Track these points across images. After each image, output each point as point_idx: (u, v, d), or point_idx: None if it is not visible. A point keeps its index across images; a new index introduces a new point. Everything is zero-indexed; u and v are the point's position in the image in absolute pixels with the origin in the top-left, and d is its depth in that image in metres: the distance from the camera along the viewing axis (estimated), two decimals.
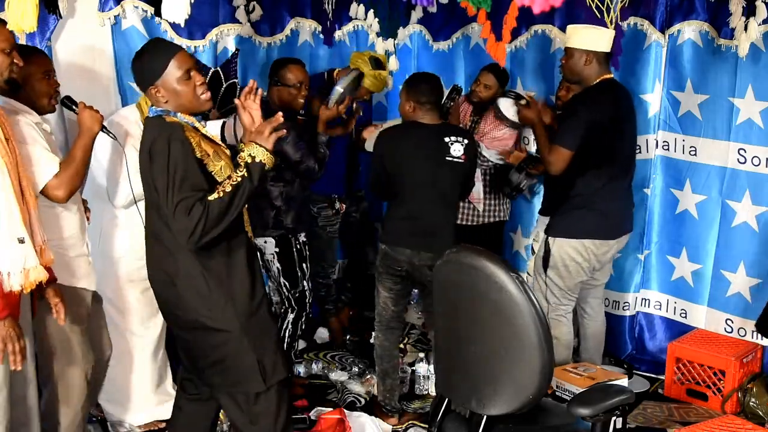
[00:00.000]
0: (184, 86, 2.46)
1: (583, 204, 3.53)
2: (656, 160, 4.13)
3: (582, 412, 2.25)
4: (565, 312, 3.69)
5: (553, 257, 3.60)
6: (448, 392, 2.52)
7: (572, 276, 3.61)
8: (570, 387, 3.53)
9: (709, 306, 4.06)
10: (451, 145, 3.35)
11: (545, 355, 2.16)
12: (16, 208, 2.30)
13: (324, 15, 4.37)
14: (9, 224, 2.28)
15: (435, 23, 4.89)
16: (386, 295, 3.54)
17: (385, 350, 3.57)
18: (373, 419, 3.51)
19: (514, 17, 3.18)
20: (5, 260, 2.28)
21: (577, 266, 3.58)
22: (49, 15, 3.35)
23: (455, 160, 3.36)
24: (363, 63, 4.10)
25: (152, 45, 2.56)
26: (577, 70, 3.47)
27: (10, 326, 2.31)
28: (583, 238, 3.54)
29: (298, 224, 3.67)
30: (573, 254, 3.57)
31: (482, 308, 2.25)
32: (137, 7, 3.66)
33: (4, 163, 2.28)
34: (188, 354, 2.66)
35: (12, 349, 2.31)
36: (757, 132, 3.73)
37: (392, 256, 3.44)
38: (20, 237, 2.30)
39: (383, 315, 3.57)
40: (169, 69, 2.44)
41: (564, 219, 3.60)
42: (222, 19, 3.97)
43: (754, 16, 3.51)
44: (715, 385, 3.76)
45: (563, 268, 3.60)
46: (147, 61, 2.47)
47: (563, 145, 3.43)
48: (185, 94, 2.47)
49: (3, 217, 2.27)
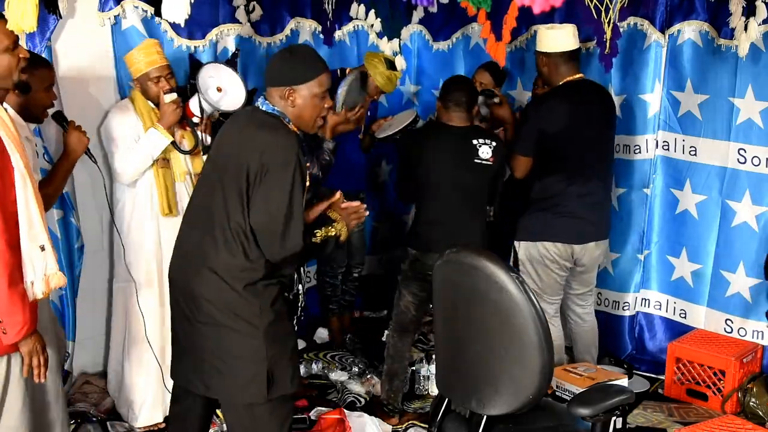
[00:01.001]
0: (317, 104, 2.49)
1: (541, 207, 3.56)
2: (656, 160, 4.13)
3: (582, 412, 2.25)
4: (548, 316, 3.63)
5: (521, 261, 3.62)
6: (448, 392, 2.52)
7: (542, 278, 3.60)
8: (570, 387, 3.53)
9: (708, 306, 4.05)
10: (479, 147, 3.35)
11: (545, 355, 2.17)
12: (38, 215, 2.26)
13: (324, 15, 4.37)
14: (31, 232, 2.24)
15: (435, 23, 4.89)
16: (410, 299, 3.51)
17: (398, 351, 3.55)
18: (373, 419, 3.51)
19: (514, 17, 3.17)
20: (29, 269, 2.24)
21: (545, 268, 3.58)
22: (49, 15, 3.35)
23: (483, 163, 3.35)
24: (379, 62, 4.09)
25: (310, 50, 2.60)
26: (545, 73, 3.54)
27: (36, 340, 2.27)
28: (545, 240, 3.55)
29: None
30: (537, 256, 3.57)
31: (482, 308, 2.25)
32: (137, 7, 3.65)
33: (27, 173, 2.23)
34: (196, 350, 2.54)
35: (36, 363, 2.28)
36: (757, 132, 3.73)
37: (423, 262, 3.40)
38: (42, 244, 2.26)
39: (402, 318, 3.54)
40: (315, 81, 2.46)
41: (525, 222, 3.62)
42: (222, 19, 3.97)
43: (754, 16, 3.51)
44: (715, 385, 3.76)
45: (532, 271, 3.60)
46: (301, 62, 2.47)
47: (518, 152, 3.52)
48: (313, 112, 2.50)
49: (25, 224, 2.23)
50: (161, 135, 3.28)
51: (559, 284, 3.66)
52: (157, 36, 3.82)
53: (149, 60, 3.32)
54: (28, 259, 2.24)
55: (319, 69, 2.49)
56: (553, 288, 3.64)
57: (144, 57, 3.32)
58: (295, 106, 2.46)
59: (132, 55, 3.37)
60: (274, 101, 2.48)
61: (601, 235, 3.66)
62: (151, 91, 3.35)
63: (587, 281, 3.80)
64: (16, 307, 2.19)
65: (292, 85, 2.45)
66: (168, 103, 3.28)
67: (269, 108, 2.48)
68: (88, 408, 3.54)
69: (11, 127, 2.25)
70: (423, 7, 4.33)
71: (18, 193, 2.22)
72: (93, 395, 3.68)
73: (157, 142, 3.29)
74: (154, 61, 3.33)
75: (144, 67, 3.32)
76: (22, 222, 2.23)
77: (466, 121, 3.41)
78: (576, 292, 3.81)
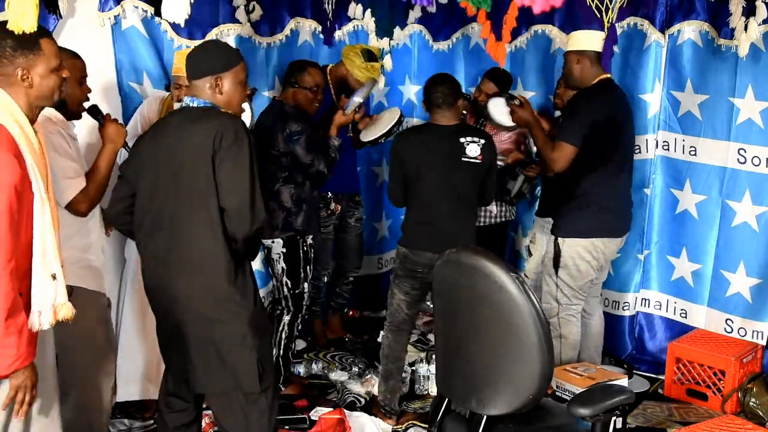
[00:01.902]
0: (241, 90, 2.62)
1: (589, 203, 3.55)
2: (656, 160, 4.13)
3: (582, 412, 2.25)
4: (575, 312, 3.70)
5: (563, 258, 3.61)
6: (448, 392, 2.51)
7: (583, 275, 3.62)
8: (570, 387, 3.53)
9: (709, 306, 4.05)
10: (467, 146, 3.34)
11: (545, 355, 2.16)
12: (52, 242, 2.19)
13: (324, 15, 4.37)
14: (44, 260, 2.18)
15: (435, 23, 4.89)
16: (401, 297, 3.51)
17: (392, 351, 3.56)
18: (373, 419, 3.51)
19: (514, 17, 3.18)
20: (39, 297, 2.17)
21: (587, 265, 3.60)
22: (49, 15, 3.34)
23: (471, 161, 3.34)
24: (355, 56, 4.10)
25: (224, 43, 2.82)
26: (573, 72, 3.52)
27: (29, 375, 2.17)
28: (593, 236, 3.56)
29: (308, 226, 3.67)
30: (583, 253, 3.58)
31: (482, 308, 2.25)
32: (137, 7, 3.65)
33: (47, 199, 2.18)
34: (187, 352, 2.58)
35: (21, 399, 2.18)
36: (757, 132, 3.73)
37: (412, 259, 3.41)
38: (53, 273, 2.19)
39: (395, 317, 3.55)
40: (237, 68, 2.59)
41: (571, 218, 3.61)
42: (222, 19, 3.96)
43: (754, 16, 3.51)
44: (715, 385, 3.76)
45: (574, 268, 3.61)
46: (223, 52, 2.63)
47: (568, 141, 3.45)
48: (239, 97, 2.62)
49: (39, 252, 2.16)
50: None
51: (591, 281, 3.71)
52: (157, 36, 3.82)
53: (176, 66, 3.36)
54: (39, 289, 2.18)
55: (239, 57, 2.64)
56: (587, 285, 3.70)
57: (176, 62, 3.39)
58: (223, 93, 2.57)
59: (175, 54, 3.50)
60: (201, 94, 2.57)
61: (630, 225, 3.77)
62: (173, 95, 3.43)
63: (604, 275, 3.89)
64: (11, 339, 2.10)
65: (220, 72, 2.55)
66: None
67: (200, 102, 2.56)
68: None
69: (36, 149, 2.19)
70: (422, 7, 4.35)
71: (36, 221, 2.16)
72: None
73: None
74: (179, 69, 3.29)
75: (173, 71, 3.42)
76: (36, 250, 2.16)
77: (452, 119, 3.40)
78: (597, 282, 3.86)
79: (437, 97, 3.36)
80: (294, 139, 3.52)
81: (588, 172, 3.52)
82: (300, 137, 3.51)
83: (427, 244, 3.36)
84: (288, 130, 3.52)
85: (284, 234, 3.61)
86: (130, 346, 3.44)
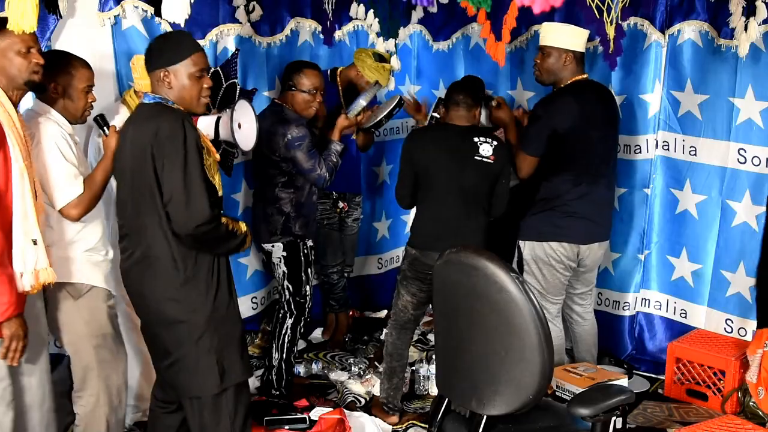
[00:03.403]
0: (194, 84, 2.55)
1: (548, 207, 3.55)
2: (656, 160, 4.13)
3: (582, 412, 2.26)
4: (551, 316, 3.65)
5: (525, 261, 3.61)
6: (448, 392, 2.52)
7: (547, 279, 3.60)
8: (570, 387, 3.53)
9: (709, 306, 4.06)
10: (480, 145, 3.34)
11: (545, 355, 2.17)
12: (32, 210, 2.35)
13: (324, 15, 4.36)
14: (24, 225, 2.33)
15: (435, 23, 4.89)
16: (408, 299, 3.51)
17: (396, 349, 3.56)
18: (373, 419, 3.52)
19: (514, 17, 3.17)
20: (19, 260, 2.33)
21: (551, 269, 3.58)
22: (49, 15, 3.34)
23: (484, 160, 3.33)
24: (367, 56, 4.12)
25: (180, 33, 2.66)
26: (555, 70, 3.50)
27: (18, 324, 2.34)
28: (551, 240, 3.55)
29: (307, 230, 3.67)
30: (543, 256, 3.56)
31: (482, 308, 2.25)
32: (137, 7, 3.65)
33: (25, 168, 2.34)
34: (155, 351, 2.66)
35: (15, 347, 2.35)
36: (757, 132, 3.73)
37: (422, 261, 3.39)
38: (34, 238, 2.35)
39: (400, 316, 3.54)
40: (187, 61, 2.52)
41: (531, 222, 3.61)
42: (222, 19, 3.96)
43: (754, 16, 3.51)
44: (715, 385, 3.76)
45: (537, 271, 3.60)
46: (171, 45, 2.55)
47: (527, 151, 3.49)
48: (190, 91, 2.55)
49: (19, 217, 2.32)
50: None
51: (563, 284, 3.66)
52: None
53: None
54: (20, 251, 2.33)
55: (191, 48, 2.55)
56: (557, 288, 3.64)
57: None
58: (172, 87, 2.53)
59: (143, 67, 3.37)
60: (154, 88, 2.56)
61: (604, 235, 3.68)
62: None
63: (588, 280, 3.81)
64: (3, 287, 2.26)
65: (167, 66, 2.51)
66: None
67: (150, 98, 2.55)
68: None
69: (17, 124, 2.34)
70: (423, 7, 4.36)
71: (15, 186, 2.31)
72: None
73: None
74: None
75: None
76: (17, 213, 2.32)
77: (467, 121, 3.41)
78: (577, 292, 3.81)
79: (458, 98, 3.39)
80: (296, 145, 3.50)
81: (551, 177, 3.52)
82: (301, 143, 3.50)
83: (437, 244, 3.32)
84: (289, 136, 3.50)
85: (284, 239, 3.61)
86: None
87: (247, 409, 2.69)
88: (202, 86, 2.57)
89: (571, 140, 3.45)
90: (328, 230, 4.30)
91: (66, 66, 2.83)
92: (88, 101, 2.90)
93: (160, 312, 2.54)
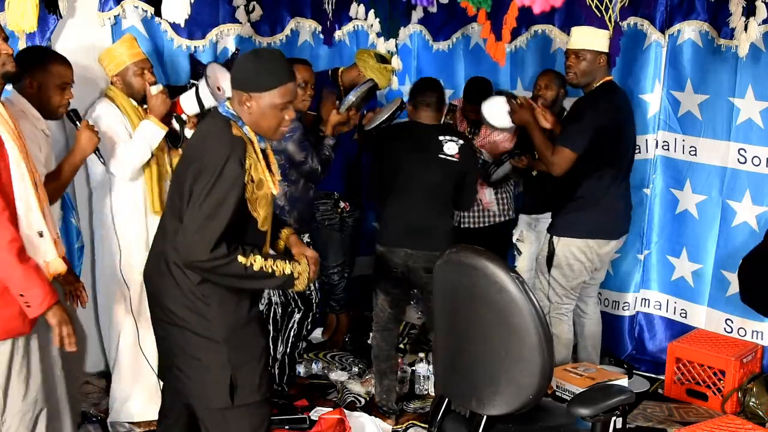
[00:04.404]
0: (275, 115, 2.36)
1: (588, 205, 3.57)
2: (656, 160, 4.13)
3: (582, 412, 2.25)
4: (566, 311, 3.72)
5: (557, 257, 3.62)
6: (448, 392, 2.52)
7: (576, 275, 3.64)
8: (570, 387, 3.53)
9: (709, 306, 4.05)
10: (444, 144, 3.37)
11: (545, 355, 2.16)
12: (35, 201, 2.30)
13: (324, 15, 4.37)
14: (29, 215, 2.28)
15: (435, 23, 4.89)
16: (383, 297, 3.53)
17: (381, 351, 3.57)
18: (374, 419, 3.51)
19: (514, 17, 3.17)
20: (30, 253, 2.28)
21: (581, 265, 3.61)
22: (49, 15, 3.35)
23: (448, 158, 3.36)
24: (369, 57, 4.12)
25: (277, 57, 2.39)
26: (591, 71, 3.51)
27: (62, 310, 2.33)
28: (588, 237, 3.58)
29: (302, 225, 3.66)
30: (577, 254, 3.59)
31: (482, 308, 2.25)
32: (137, 7, 3.66)
33: (21, 156, 2.28)
34: (168, 352, 2.55)
35: (67, 332, 2.33)
36: (757, 132, 3.73)
37: (388, 257, 3.44)
38: (40, 230, 2.30)
39: (380, 317, 3.57)
40: (275, 92, 2.32)
41: (569, 219, 3.62)
42: (222, 19, 3.97)
43: (754, 16, 3.51)
44: (715, 385, 3.76)
45: (567, 268, 3.62)
46: (264, 70, 2.33)
47: (570, 147, 3.46)
48: (270, 121, 2.37)
49: (22, 208, 2.27)
50: (156, 126, 3.23)
51: (584, 282, 3.72)
52: (157, 36, 3.82)
53: (132, 53, 3.29)
54: (28, 243, 2.28)
55: (281, 79, 2.33)
56: (579, 286, 3.71)
57: (126, 50, 3.29)
58: (252, 113, 2.35)
59: (111, 51, 3.31)
60: (233, 104, 2.40)
61: (628, 227, 3.78)
62: (136, 84, 3.28)
63: (601, 275, 3.89)
64: (33, 280, 2.23)
65: (252, 91, 2.33)
66: (156, 94, 3.23)
67: (225, 111, 2.40)
68: (88, 408, 3.54)
69: (7, 118, 2.30)
70: (423, 7, 4.36)
71: (15, 179, 2.26)
72: (93, 395, 3.69)
73: (154, 133, 3.23)
74: (137, 54, 3.30)
75: (128, 59, 3.27)
76: (20, 206, 2.27)
77: (434, 120, 3.45)
78: (594, 283, 3.87)
79: (419, 96, 3.42)
80: (287, 137, 3.50)
81: (589, 175, 3.53)
82: (292, 135, 3.50)
83: (399, 240, 3.38)
84: None
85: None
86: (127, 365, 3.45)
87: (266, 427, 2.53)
88: (284, 118, 2.38)
89: (614, 139, 3.50)
90: (329, 231, 4.30)
91: (42, 62, 2.81)
92: (64, 98, 2.87)
93: (174, 315, 2.44)
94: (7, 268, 2.21)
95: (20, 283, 2.23)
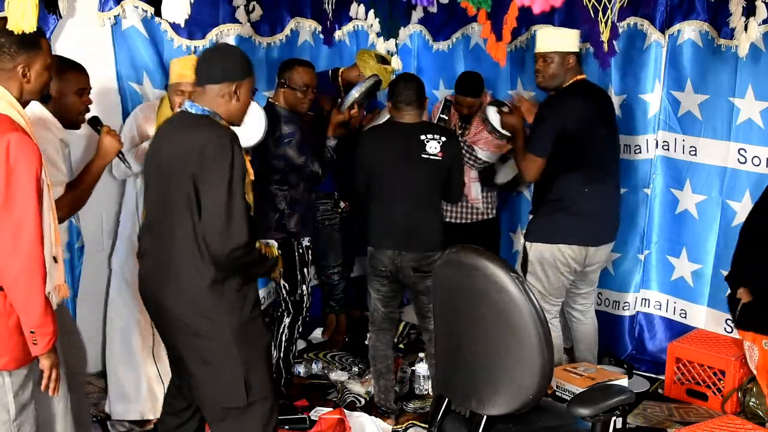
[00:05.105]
0: (248, 100, 2.55)
1: (558, 208, 3.52)
2: (656, 160, 4.13)
3: (582, 412, 2.25)
4: (549, 317, 3.63)
5: (530, 262, 3.59)
6: (448, 392, 2.52)
7: (551, 281, 3.58)
8: (570, 387, 3.53)
9: (709, 306, 4.05)
10: (427, 143, 3.37)
11: (545, 355, 2.16)
12: (53, 225, 2.25)
13: (324, 15, 4.37)
14: (49, 242, 2.23)
15: (435, 23, 4.89)
16: (375, 296, 3.55)
17: (377, 351, 3.58)
18: (374, 419, 3.51)
19: (514, 17, 3.17)
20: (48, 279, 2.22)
21: (556, 271, 3.56)
22: (49, 15, 3.35)
23: (431, 158, 3.36)
24: (369, 57, 4.12)
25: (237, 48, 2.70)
26: (560, 74, 3.48)
27: (55, 353, 2.27)
28: (559, 242, 3.52)
29: (302, 228, 3.66)
30: (549, 259, 3.54)
31: (482, 308, 2.25)
32: (137, 7, 3.66)
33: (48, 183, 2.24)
34: (177, 361, 2.60)
35: (55, 377, 2.28)
36: (757, 132, 3.73)
37: (377, 258, 3.45)
38: (55, 255, 2.26)
39: (375, 316, 3.59)
40: (253, 76, 2.57)
41: (540, 223, 3.59)
42: (222, 19, 3.97)
43: (754, 16, 3.50)
44: (715, 385, 3.76)
45: (541, 273, 3.58)
46: (241, 58, 2.54)
47: (533, 152, 3.46)
48: (246, 106, 2.55)
49: (47, 236, 2.21)
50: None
51: (565, 287, 3.66)
52: (157, 36, 3.82)
53: (180, 72, 3.28)
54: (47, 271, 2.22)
55: (252, 65, 2.59)
56: (559, 290, 3.64)
57: (178, 68, 3.28)
58: (240, 100, 2.50)
59: (173, 62, 3.37)
60: (205, 100, 2.48)
61: (612, 235, 3.69)
62: (173, 102, 3.29)
63: (592, 280, 3.82)
64: (48, 318, 2.19)
65: (241, 79, 2.49)
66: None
67: (198, 110, 2.46)
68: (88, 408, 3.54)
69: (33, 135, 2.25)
70: (423, 7, 4.36)
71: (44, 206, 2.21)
72: (93, 395, 3.69)
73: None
74: (184, 75, 3.26)
75: (174, 78, 3.28)
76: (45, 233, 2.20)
77: (416, 118, 3.44)
78: (580, 292, 3.82)
79: (399, 95, 3.41)
80: (285, 141, 3.50)
81: (560, 177, 3.49)
82: (291, 139, 3.50)
83: (386, 242, 3.40)
84: (278, 133, 3.50)
85: (278, 235, 3.60)
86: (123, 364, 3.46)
87: (275, 422, 2.61)
88: (248, 103, 2.59)
89: (581, 139, 3.44)
90: (329, 231, 4.30)
91: (57, 70, 2.78)
92: (82, 104, 2.86)
93: (186, 324, 2.46)
94: (33, 305, 2.16)
95: (37, 320, 2.17)
